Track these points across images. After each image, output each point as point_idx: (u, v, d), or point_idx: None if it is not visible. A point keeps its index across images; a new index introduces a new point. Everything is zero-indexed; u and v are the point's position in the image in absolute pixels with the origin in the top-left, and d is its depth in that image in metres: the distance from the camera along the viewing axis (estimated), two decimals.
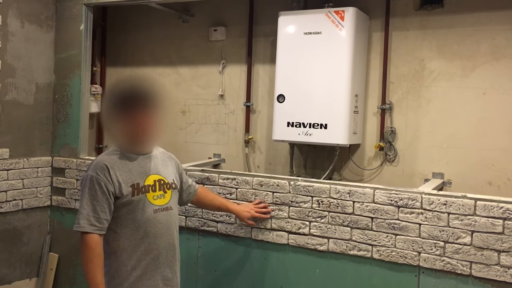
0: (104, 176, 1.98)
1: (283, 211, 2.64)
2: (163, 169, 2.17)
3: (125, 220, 2.03)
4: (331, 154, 3.27)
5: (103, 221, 1.98)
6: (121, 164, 2.04)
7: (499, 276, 2.15)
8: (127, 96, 1.99)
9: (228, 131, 3.81)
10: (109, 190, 1.98)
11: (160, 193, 2.11)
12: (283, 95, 3.18)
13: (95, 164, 2.03)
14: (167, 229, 2.11)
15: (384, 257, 2.39)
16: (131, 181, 2.04)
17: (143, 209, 2.04)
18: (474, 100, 3.00)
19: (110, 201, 1.99)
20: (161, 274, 2.09)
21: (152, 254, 2.06)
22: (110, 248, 2.04)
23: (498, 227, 2.14)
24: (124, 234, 2.03)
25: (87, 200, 1.98)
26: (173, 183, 2.19)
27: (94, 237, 1.96)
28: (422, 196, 2.31)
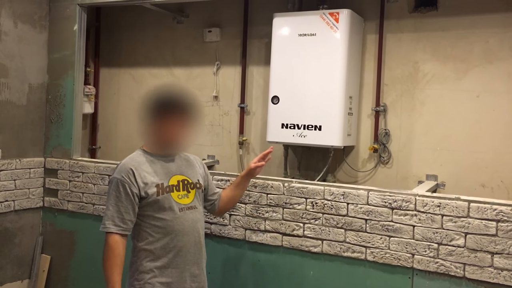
0: (128, 178, 2.09)
1: (277, 213, 2.63)
2: (187, 170, 2.26)
3: (152, 219, 2.12)
4: (325, 156, 3.27)
5: (127, 222, 2.09)
6: (146, 166, 2.14)
7: (493, 278, 2.15)
8: (166, 102, 2.12)
9: (222, 133, 3.81)
10: (133, 192, 2.08)
11: (184, 193, 2.19)
12: (277, 97, 3.18)
13: (121, 167, 2.15)
14: (193, 227, 2.18)
15: (378, 259, 2.39)
16: (156, 181, 2.13)
17: (169, 208, 2.13)
18: (468, 103, 3.01)
19: (134, 202, 2.09)
20: (189, 271, 2.17)
21: (180, 251, 2.14)
22: (139, 246, 2.13)
23: (491, 229, 2.15)
24: (152, 233, 2.12)
25: (112, 202, 2.09)
26: (198, 182, 2.27)
27: (116, 237, 2.07)
28: (416, 198, 2.32)
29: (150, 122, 2.13)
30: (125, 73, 4.20)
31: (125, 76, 4.20)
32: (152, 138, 2.19)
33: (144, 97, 2.16)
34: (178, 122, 2.12)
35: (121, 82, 4.22)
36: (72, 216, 3.29)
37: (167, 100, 2.14)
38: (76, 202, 3.26)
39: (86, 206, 3.22)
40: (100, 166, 3.18)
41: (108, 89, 4.26)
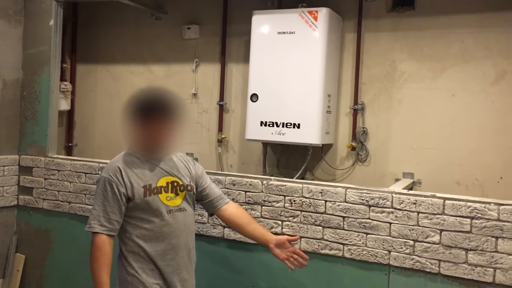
0: (116, 177, 2.05)
1: (255, 210, 2.63)
2: (178, 171, 2.19)
3: (140, 221, 2.07)
4: (304, 154, 3.28)
5: (114, 222, 2.04)
6: (135, 166, 2.10)
7: (467, 274, 2.19)
8: (151, 105, 2.06)
9: (201, 130, 3.79)
10: (121, 192, 2.04)
11: (173, 195, 2.13)
12: (256, 94, 3.18)
13: (109, 166, 2.11)
14: (182, 230, 2.13)
15: (355, 256, 2.41)
16: (144, 182, 2.08)
17: (157, 210, 2.08)
18: (444, 102, 3.05)
19: (121, 202, 2.04)
20: (179, 275, 2.12)
21: (168, 254, 2.09)
22: (127, 249, 2.08)
23: (466, 226, 2.18)
24: (140, 235, 2.07)
25: (99, 201, 2.05)
26: (189, 185, 2.20)
27: (102, 237, 2.01)
28: (393, 195, 2.34)
29: (135, 126, 2.08)
30: (102, 69, 4.15)
31: (102, 73, 4.15)
32: (138, 142, 2.13)
33: (127, 100, 2.10)
34: (163, 125, 2.06)
35: (98, 79, 4.17)
36: (48, 215, 3.23)
37: (152, 103, 2.07)
38: (52, 200, 3.20)
39: (62, 204, 3.16)
40: (77, 164, 3.13)
41: (85, 85, 4.21)
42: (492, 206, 2.14)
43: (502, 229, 2.12)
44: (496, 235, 2.13)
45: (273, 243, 2.24)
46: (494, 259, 2.14)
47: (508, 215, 2.10)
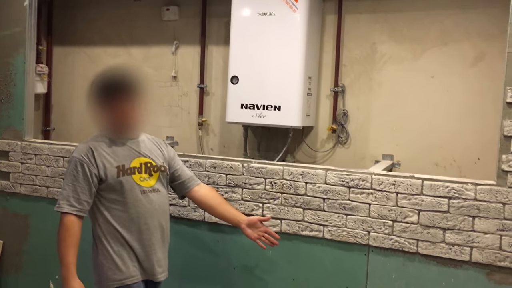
0: (87, 158, 2.04)
1: (236, 193, 2.62)
2: (151, 152, 2.20)
3: (114, 202, 2.08)
4: (284, 136, 3.28)
5: (83, 203, 2.03)
6: (107, 147, 2.09)
7: (444, 253, 2.22)
8: (115, 85, 2.05)
9: (181, 113, 3.75)
10: (92, 172, 2.03)
11: (146, 176, 2.14)
12: (236, 77, 3.15)
13: (80, 146, 2.10)
14: (155, 210, 2.14)
15: (335, 237, 2.43)
16: (117, 163, 2.08)
17: (131, 190, 2.08)
18: (423, 84, 3.07)
19: (91, 183, 2.03)
20: (155, 255, 2.14)
21: (144, 235, 2.10)
22: (102, 231, 2.08)
23: (443, 206, 2.21)
24: (114, 217, 2.07)
25: (69, 181, 2.04)
26: (162, 165, 2.21)
27: (71, 218, 2.01)
28: (372, 176, 2.35)
29: (101, 108, 2.07)
30: (79, 52, 4.07)
31: (79, 55, 4.07)
32: (106, 124, 2.12)
33: (90, 83, 2.08)
34: (129, 104, 2.05)
35: (76, 61, 4.08)
36: (25, 200, 3.18)
37: (115, 83, 2.06)
38: (29, 185, 3.15)
39: (39, 189, 3.11)
40: (54, 148, 3.08)
41: (62, 68, 4.12)
42: (469, 186, 2.17)
43: (478, 209, 2.15)
44: (473, 214, 2.16)
45: (245, 223, 2.29)
46: (470, 238, 2.17)
47: (485, 195, 2.14)
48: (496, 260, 2.14)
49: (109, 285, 2.07)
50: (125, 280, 2.07)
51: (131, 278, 2.08)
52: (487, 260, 2.15)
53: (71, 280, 1.99)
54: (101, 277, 2.09)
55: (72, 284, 1.99)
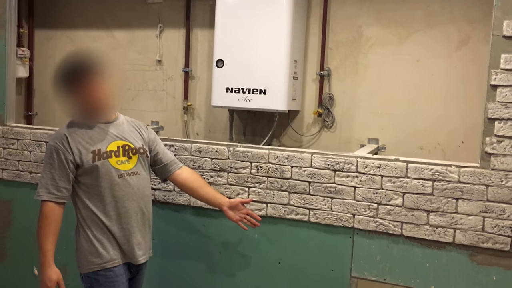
0: (62, 145, 2.04)
1: (221, 177, 2.61)
2: (129, 135, 2.19)
3: (91, 187, 2.08)
4: (270, 121, 3.27)
5: (62, 189, 2.04)
6: (82, 133, 2.09)
7: (428, 235, 2.25)
8: (77, 70, 2.03)
9: (166, 98, 3.72)
10: (68, 159, 2.03)
11: (125, 158, 2.13)
12: (222, 60, 3.12)
13: (56, 133, 2.12)
14: (134, 193, 2.13)
15: (320, 220, 2.44)
16: (92, 147, 2.07)
17: (108, 174, 2.07)
18: (408, 67, 3.07)
19: (68, 170, 2.04)
20: (135, 238, 2.15)
21: (123, 218, 2.11)
22: (82, 215, 2.10)
23: (427, 188, 2.23)
24: (92, 201, 2.08)
25: (47, 169, 2.05)
26: (141, 148, 2.20)
27: (50, 205, 2.03)
28: (357, 160, 2.36)
29: (67, 95, 2.05)
30: (62, 35, 3.99)
31: (62, 39, 4.00)
32: (75, 110, 2.11)
33: (53, 73, 2.07)
34: (93, 87, 2.03)
35: (58, 45, 4.01)
36: (8, 185, 3.13)
37: (76, 68, 2.04)
38: (12, 170, 3.10)
39: (22, 174, 3.07)
40: (37, 133, 3.03)
41: (45, 52, 4.05)
42: (453, 168, 2.19)
43: (462, 191, 2.17)
44: (456, 196, 2.18)
45: (227, 205, 2.32)
46: (454, 220, 2.20)
47: (468, 177, 2.16)
48: (479, 241, 2.16)
49: (90, 268, 2.08)
50: (106, 264, 2.08)
51: (112, 261, 2.09)
52: (470, 241, 2.18)
53: (48, 268, 2.01)
54: (82, 261, 2.10)
55: (48, 273, 2.01)
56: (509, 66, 2.07)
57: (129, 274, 2.19)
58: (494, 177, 2.11)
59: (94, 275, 2.09)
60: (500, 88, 2.08)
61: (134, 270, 2.22)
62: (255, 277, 2.58)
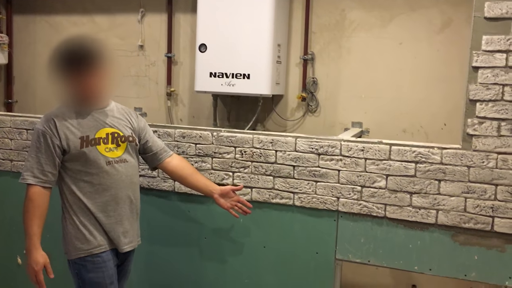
0: (50, 129, 2.01)
1: (206, 163, 2.60)
2: (118, 123, 2.16)
3: (78, 173, 2.06)
4: (254, 106, 3.26)
5: (48, 174, 2.02)
6: (71, 118, 2.06)
7: (411, 216, 2.27)
8: (77, 55, 1.99)
9: (149, 84, 3.68)
10: (55, 143, 2.01)
11: (113, 146, 2.11)
12: (205, 45, 3.09)
13: (44, 117, 2.07)
14: (122, 181, 2.12)
15: (305, 203, 2.44)
16: (80, 133, 2.05)
17: (95, 161, 2.05)
18: (392, 51, 3.08)
19: (55, 154, 2.02)
20: (122, 226, 2.14)
21: (109, 206, 2.10)
22: (68, 202, 2.08)
23: (410, 170, 2.24)
24: (79, 188, 2.06)
25: (33, 153, 2.02)
26: (130, 136, 2.18)
27: (36, 189, 2.00)
28: (341, 143, 2.36)
29: (63, 79, 2.02)
30: (41, 20, 3.91)
31: (41, 24, 3.92)
32: (69, 95, 2.08)
33: (51, 53, 2.02)
34: (92, 74, 2.00)
35: (38, 31, 3.93)
36: None
37: (77, 52, 2.00)
38: None
39: (3, 162, 3.02)
40: (17, 120, 2.98)
41: (24, 38, 3.97)
42: (436, 150, 2.20)
43: (444, 172, 2.19)
44: (439, 178, 2.20)
45: (218, 193, 2.31)
46: (436, 201, 2.22)
47: (450, 158, 2.18)
48: (461, 222, 2.19)
49: (77, 254, 2.08)
50: (93, 250, 2.08)
51: (99, 247, 2.09)
52: (452, 222, 2.20)
53: (34, 251, 1.99)
54: (69, 246, 2.09)
55: (35, 256, 1.99)
56: (491, 48, 2.08)
57: (117, 260, 2.18)
58: (476, 158, 2.13)
59: (81, 261, 2.08)
60: (481, 69, 2.10)
61: (121, 257, 2.21)
62: (241, 261, 2.59)
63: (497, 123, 2.09)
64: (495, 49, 2.06)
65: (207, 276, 2.66)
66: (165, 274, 2.74)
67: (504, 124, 2.08)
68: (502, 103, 2.07)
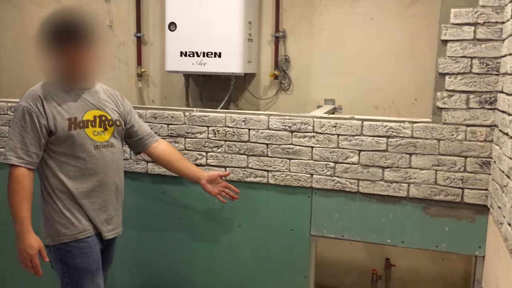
0: (36, 107, 1.89)
1: (179, 143, 2.57)
2: (105, 105, 2.06)
3: (64, 156, 1.95)
4: (227, 85, 3.23)
5: (32, 155, 1.90)
6: (58, 97, 1.93)
7: (383, 190, 2.29)
8: (69, 28, 1.86)
9: (119, 65, 3.61)
10: (41, 123, 1.89)
11: (101, 130, 2.02)
12: (174, 23, 3.03)
13: (28, 93, 1.93)
14: (109, 166, 2.04)
15: (279, 181, 2.45)
16: (68, 115, 1.93)
17: (83, 145, 1.96)
18: (362, 27, 3.07)
19: (41, 134, 1.90)
20: (105, 213, 2.07)
21: (95, 191, 2.02)
22: (51, 186, 1.97)
23: (382, 145, 2.26)
24: (64, 172, 1.96)
25: (17, 132, 1.89)
26: (117, 120, 2.09)
27: (21, 170, 1.88)
28: (314, 120, 2.36)
29: (52, 54, 1.88)
30: (3, 1, 3.78)
31: (3, 5, 3.78)
32: (57, 72, 1.94)
33: (40, 25, 1.88)
34: (84, 50, 1.87)
35: (1, 12, 3.79)
36: None
37: (68, 26, 1.87)
38: None
39: None
40: None
41: None
42: (406, 124, 2.22)
43: (415, 146, 2.21)
44: (410, 151, 2.23)
45: (205, 179, 2.28)
46: (408, 174, 2.25)
47: (421, 132, 2.20)
48: (432, 194, 2.23)
49: (60, 240, 1.98)
50: (78, 235, 1.99)
51: (84, 232, 2.00)
52: (424, 194, 2.24)
53: (27, 235, 1.89)
54: (51, 231, 1.99)
55: (29, 240, 1.89)
56: (459, 21, 2.09)
57: (101, 245, 2.10)
58: (445, 131, 2.16)
59: (66, 246, 1.98)
60: (450, 42, 2.11)
61: (105, 243, 2.13)
62: (216, 241, 2.59)
63: (466, 95, 2.11)
64: (463, 22, 2.08)
65: (183, 257, 2.65)
66: (140, 256, 2.73)
67: (472, 96, 2.10)
68: (470, 75, 2.09)
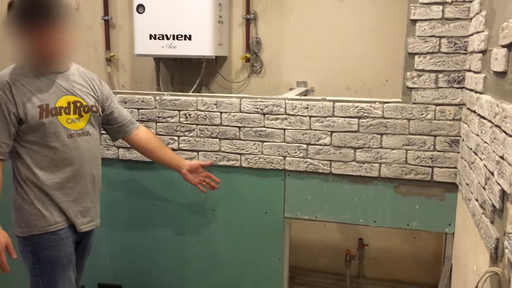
0: (4, 94, 1.78)
1: (150, 128, 2.53)
2: (81, 90, 1.95)
3: (35, 145, 1.85)
4: (198, 68, 3.19)
5: (2, 145, 1.80)
6: (28, 82, 1.82)
7: (355, 171, 2.31)
8: (39, 7, 1.75)
9: (87, 49, 3.52)
10: (10, 111, 1.78)
11: (75, 117, 1.91)
12: (142, 5, 2.97)
13: None
14: (84, 156, 1.94)
15: (252, 164, 2.44)
16: (39, 101, 1.82)
17: (56, 134, 1.85)
18: (334, 8, 3.06)
19: (10, 123, 1.79)
20: (80, 205, 1.97)
21: (69, 183, 1.92)
22: (21, 176, 1.87)
23: (353, 126, 2.27)
24: (36, 162, 1.86)
25: None
26: (94, 105, 1.98)
27: None
28: (286, 102, 2.36)
29: (21, 35, 1.76)
30: None
31: None
32: (26, 54, 1.81)
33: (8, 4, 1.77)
34: (55, 30, 1.76)
35: None
36: None
37: (39, 4, 1.76)
38: None
39: None
40: None
41: None
42: (377, 105, 2.23)
43: (386, 126, 2.23)
44: (381, 132, 2.24)
45: (186, 168, 2.24)
46: (379, 154, 2.27)
47: (391, 112, 2.21)
48: (403, 173, 2.26)
49: (31, 231, 1.89)
50: (49, 227, 1.90)
51: (56, 224, 1.91)
52: (394, 174, 2.27)
53: None
54: (22, 222, 1.90)
55: None
56: (428, 0, 2.10)
57: (76, 236, 2.01)
58: (415, 111, 2.18)
59: (36, 238, 1.89)
60: (419, 22, 2.12)
61: (81, 235, 2.03)
62: (191, 227, 2.58)
63: (435, 75, 2.13)
64: (432, 1, 2.09)
65: (157, 243, 2.63)
66: (115, 243, 2.70)
67: (441, 76, 2.12)
68: (439, 55, 2.11)
